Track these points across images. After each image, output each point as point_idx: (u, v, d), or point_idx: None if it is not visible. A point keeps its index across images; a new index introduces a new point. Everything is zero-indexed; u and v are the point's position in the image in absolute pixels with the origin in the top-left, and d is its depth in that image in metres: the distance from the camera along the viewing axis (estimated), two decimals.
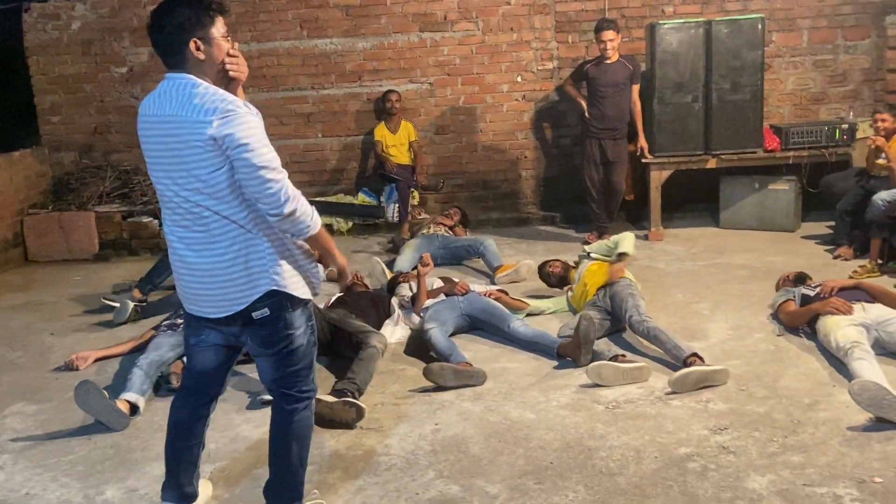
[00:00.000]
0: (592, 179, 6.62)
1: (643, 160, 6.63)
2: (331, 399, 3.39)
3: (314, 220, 2.40)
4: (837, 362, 3.73)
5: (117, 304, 5.07)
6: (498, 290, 4.87)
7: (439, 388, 3.71)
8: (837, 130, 6.54)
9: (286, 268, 2.41)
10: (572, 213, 7.43)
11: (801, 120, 7.36)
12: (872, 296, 4.05)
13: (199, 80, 2.32)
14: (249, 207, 2.34)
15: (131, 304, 5.03)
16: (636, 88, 6.51)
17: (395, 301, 4.75)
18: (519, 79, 7.58)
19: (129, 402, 3.61)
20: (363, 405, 3.40)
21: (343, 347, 4.04)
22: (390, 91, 7.37)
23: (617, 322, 4.33)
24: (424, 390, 3.73)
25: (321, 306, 4.65)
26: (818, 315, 3.99)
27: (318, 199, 7.65)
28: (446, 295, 4.62)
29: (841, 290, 4.08)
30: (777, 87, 7.42)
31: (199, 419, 2.69)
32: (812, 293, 4.20)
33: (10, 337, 4.91)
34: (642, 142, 6.58)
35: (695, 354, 3.72)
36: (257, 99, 7.63)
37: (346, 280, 2.61)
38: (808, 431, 3.15)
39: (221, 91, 2.32)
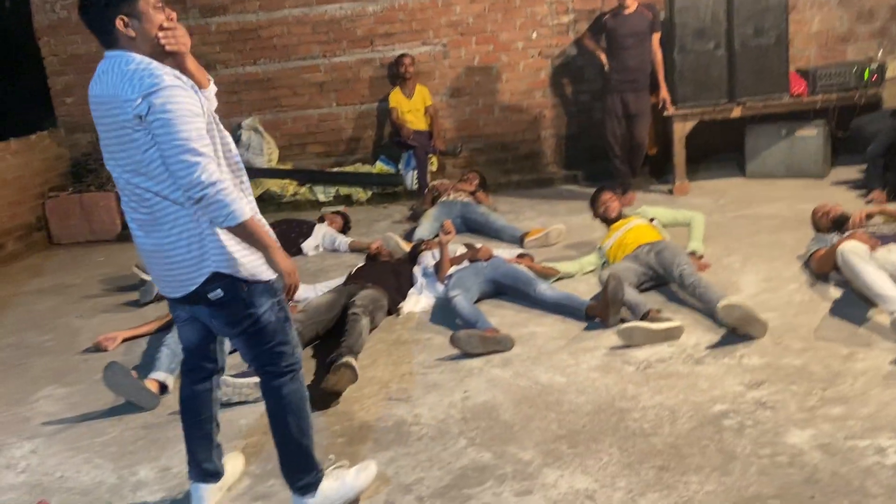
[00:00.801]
0: (615, 134, 6.46)
1: (665, 112, 6.46)
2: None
3: (234, 212, 2.20)
4: (874, 310, 3.62)
5: (146, 277, 5.08)
6: (519, 258, 4.77)
7: (467, 356, 3.67)
8: (867, 71, 6.30)
9: (234, 249, 2.32)
10: (594, 170, 7.28)
11: (827, 62, 7.11)
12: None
13: (133, 56, 2.23)
14: None
15: (156, 285, 5.03)
16: (656, 37, 6.30)
17: (417, 270, 4.70)
18: (534, 35, 7.40)
19: (157, 381, 3.62)
20: (354, 363, 3.38)
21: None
22: (403, 55, 7.23)
23: (659, 277, 4.24)
24: (452, 358, 3.69)
25: (342, 278, 4.63)
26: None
27: (334, 169, 7.59)
28: (470, 261, 4.55)
29: (884, 237, 3.93)
30: (802, 28, 7.16)
31: (202, 396, 2.68)
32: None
33: (38, 320, 4.95)
34: (664, 93, 6.40)
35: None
36: (269, 70, 7.55)
37: (289, 285, 2.38)
38: (847, 383, 3.06)
39: (154, 65, 2.22)
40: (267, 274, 2.40)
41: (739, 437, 2.76)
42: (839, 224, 4.35)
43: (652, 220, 4.70)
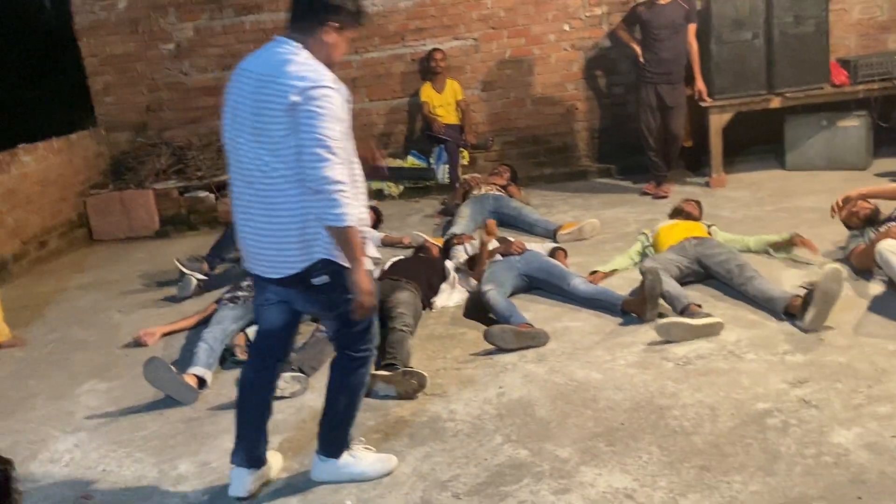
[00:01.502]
0: (649, 127, 6.38)
1: (701, 104, 6.36)
2: (387, 373, 3.36)
3: (343, 214, 2.34)
4: None
5: (188, 271, 5.15)
6: (559, 249, 4.74)
7: (501, 351, 3.65)
8: None
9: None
10: (628, 163, 7.20)
11: (869, 51, 6.92)
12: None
13: (303, 50, 2.43)
14: None
15: (194, 280, 5.10)
16: (692, 28, 6.20)
17: (450, 264, 4.69)
18: (567, 27, 7.32)
19: (196, 376, 3.66)
20: (424, 373, 3.36)
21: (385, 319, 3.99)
22: (435, 50, 7.22)
23: (701, 273, 4.19)
24: (486, 353, 3.68)
25: (377, 273, 4.63)
26: None
27: None
28: (503, 255, 4.53)
29: None
30: (842, 17, 6.98)
31: (263, 381, 2.77)
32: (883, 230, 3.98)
33: (80, 316, 5.05)
34: (700, 85, 6.30)
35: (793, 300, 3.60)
36: None
37: (364, 302, 2.48)
38: (893, 380, 2.99)
39: (321, 66, 2.41)
40: (368, 264, 2.51)
41: (783, 436, 2.70)
42: (870, 220, 4.24)
43: (710, 226, 4.64)
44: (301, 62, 2.39)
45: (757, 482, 2.47)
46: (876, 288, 3.85)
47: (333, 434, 2.76)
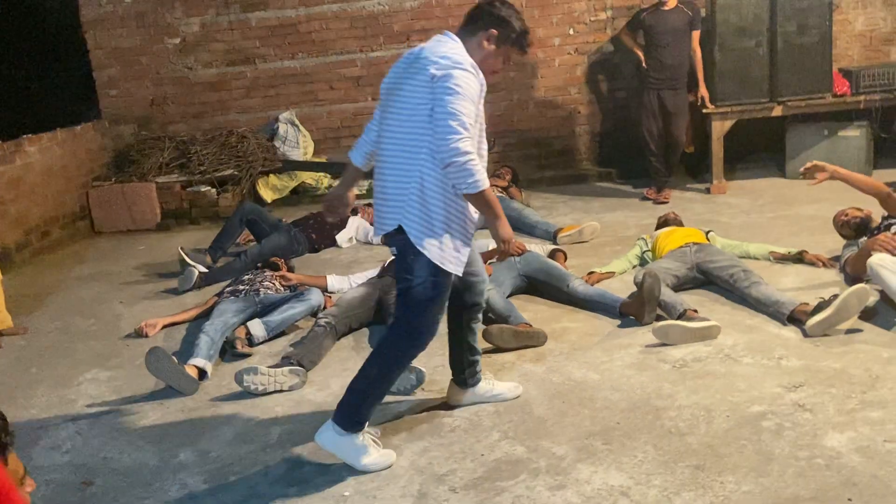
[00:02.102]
0: (651, 132, 6.42)
1: (704, 110, 6.40)
2: None
3: (478, 181, 2.58)
4: None
5: (190, 262, 5.18)
6: (559, 251, 4.76)
7: (499, 350, 3.69)
8: None
9: (429, 222, 2.65)
10: (629, 168, 7.24)
11: (871, 62, 6.97)
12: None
13: (460, 42, 2.70)
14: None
15: (196, 273, 5.13)
16: (696, 35, 6.25)
17: None
18: (571, 31, 7.37)
19: (197, 367, 3.69)
20: (423, 369, 3.39)
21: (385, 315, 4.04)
22: None
23: (699, 279, 4.22)
24: (485, 352, 3.69)
25: (376, 270, 4.67)
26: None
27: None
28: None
29: None
30: (846, 27, 7.04)
31: (457, 319, 3.03)
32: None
33: (82, 306, 5.07)
34: (703, 91, 6.34)
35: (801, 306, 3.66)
36: (307, 65, 7.63)
37: (507, 249, 2.79)
38: (887, 386, 3.02)
39: (465, 53, 2.65)
40: (434, 255, 2.65)
41: (777, 438, 2.74)
42: (861, 230, 4.27)
43: (709, 231, 4.68)
44: (450, 47, 2.66)
45: (750, 482, 2.50)
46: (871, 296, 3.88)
47: (351, 403, 2.79)
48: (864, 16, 7.06)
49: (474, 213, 2.77)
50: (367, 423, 2.84)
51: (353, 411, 2.79)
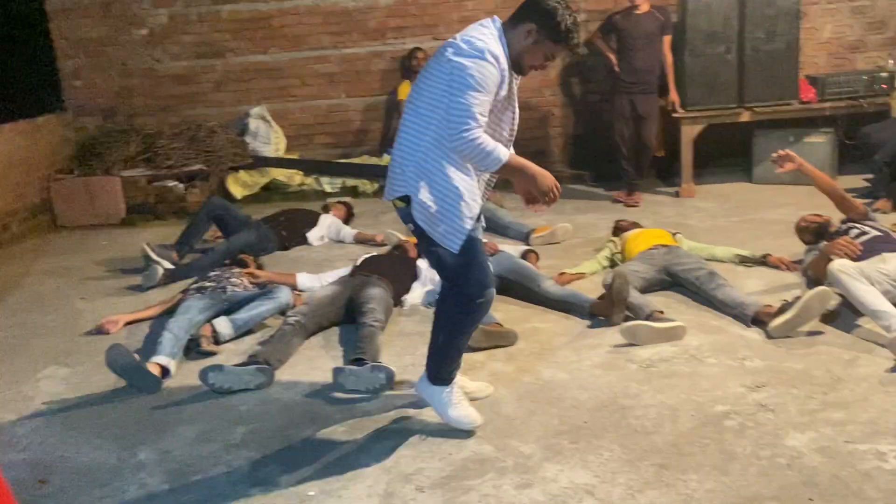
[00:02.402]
0: (623, 136, 6.47)
1: (674, 115, 6.46)
2: (355, 367, 3.36)
3: (496, 157, 2.60)
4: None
5: (155, 258, 5.08)
6: (531, 252, 4.77)
7: (470, 350, 3.66)
8: (876, 80, 6.31)
9: (432, 199, 2.66)
10: (602, 170, 7.29)
11: (837, 70, 7.11)
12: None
13: (498, 30, 2.66)
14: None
15: (160, 269, 5.04)
16: (667, 40, 6.31)
17: (422, 263, 4.70)
18: None
19: (159, 364, 3.62)
20: (392, 368, 3.36)
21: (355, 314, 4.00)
22: (417, 49, 7.24)
23: (667, 281, 4.25)
24: None
25: (348, 269, 4.63)
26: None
27: (341, 160, 7.59)
28: None
29: (871, 240, 3.93)
30: (813, 35, 7.17)
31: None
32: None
33: (42, 301, 4.96)
34: (673, 96, 6.41)
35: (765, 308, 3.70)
36: (280, 59, 7.56)
37: (545, 196, 2.76)
38: (848, 388, 3.07)
39: (494, 41, 2.61)
40: (437, 236, 2.70)
41: (740, 437, 2.77)
42: (820, 235, 4.34)
43: (676, 234, 4.72)
44: (480, 33, 2.61)
45: (713, 481, 2.52)
46: (834, 297, 3.94)
47: (431, 360, 2.92)
48: (830, 24, 7.19)
49: (474, 195, 2.73)
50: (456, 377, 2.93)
51: (436, 368, 2.91)
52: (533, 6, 2.68)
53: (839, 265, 3.59)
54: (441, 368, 2.91)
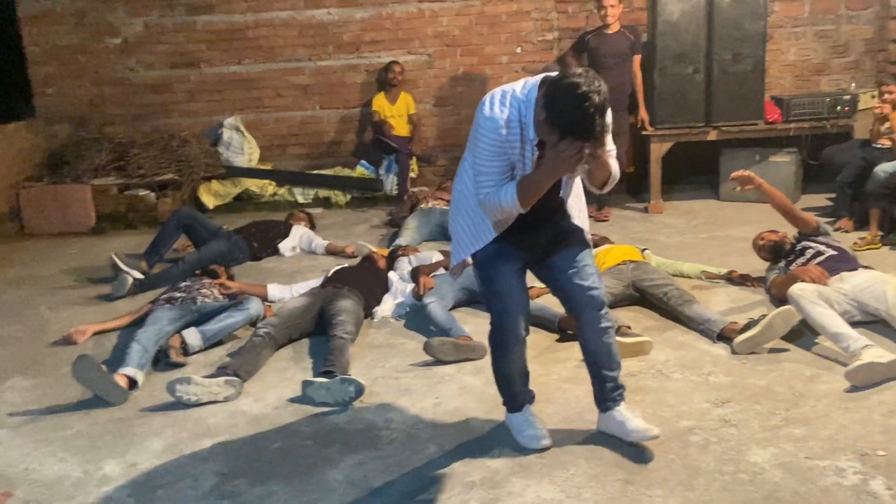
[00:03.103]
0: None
1: (643, 132, 6.57)
2: (324, 379, 3.37)
3: (507, 202, 2.52)
4: None
5: (124, 267, 5.03)
6: None
7: (440, 362, 3.70)
8: (839, 102, 6.48)
9: (463, 230, 2.80)
10: None
11: (802, 91, 7.29)
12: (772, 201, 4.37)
13: (532, 86, 2.48)
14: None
15: (129, 279, 4.99)
16: (637, 59, 6.43)
17: (393, 275, 4.72)
18: (519, 50, 7.49)
19: (127, 376, 3.59)
20: (362, 381, 3.37)
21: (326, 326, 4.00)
22: (394, 62, 7.29)
23: (635, 296, 4.31)
24: (425, 364, 3.72)
25: (319, 280, 4.64)
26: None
27: (315, 171, 7.59)
28: (445, 268, 4.58)
29: (828, 260, 4.03)
30: (778, 58, 7.34)
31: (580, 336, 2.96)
32: (789, 264, 4.20)
33: (7, 311, 4.88)
34: (643, 113, 6.52)
35: (731, 324, 3.78)
36: (254, 71, 7.56)
37: (577, 161, 2.40)
38: (809, 404, 3.14)
39: (517, 100, 2.48)
40: (457, 259, 2.91)
41: (704, 453, 2.82)
42: (776, 252, 4.43)
43: (644, 249, 4.80)
44: (502, 94, 2.51)
45: (677, 496, 2.57)
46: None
47: (498, 383, 2.97)
48: (795, 47, 7.37)
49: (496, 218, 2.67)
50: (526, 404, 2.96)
51: (501, 391, 2.97)
52: (545, 90, 2.38)
53: (798, 289, 3.67)
54: (502, 395, 2.97)
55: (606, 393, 2.90)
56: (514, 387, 2.94)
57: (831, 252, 4.08)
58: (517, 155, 2.52)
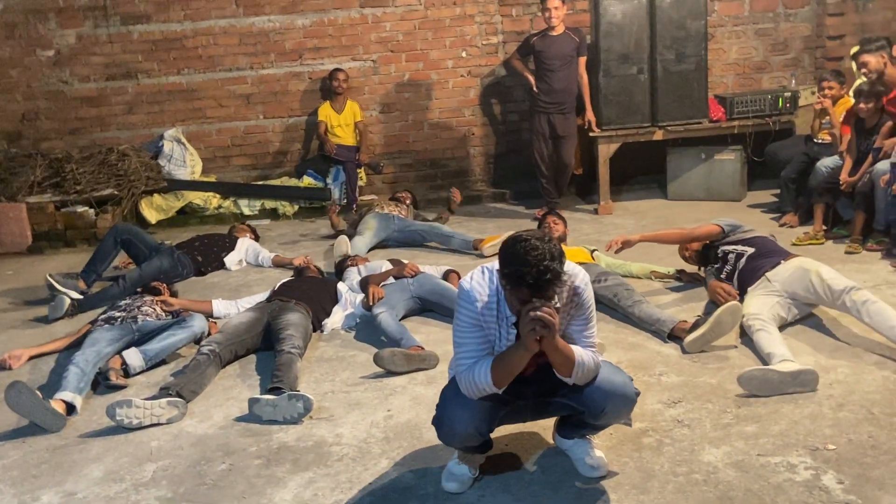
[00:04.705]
0: (542, 155, 6.57)
1: (591, 134, 6.60)
2: (271, 397, 3.27)
3: (479, 381, 2.42)
4: (786, 331, 3.75)
5: (60, 288, 4.83)
6: (452, 272, 4.76)
7: (391, 374, 3.62)
8: (780, 99, 6.61)
9: None
10: (522, 189, 7.38)
11: (744, 89, 7.42)
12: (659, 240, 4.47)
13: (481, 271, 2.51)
14: None
15: (67, 300, 4.80)
16: (583, 61, 6.45)
17: (342, 286, 4.63)
18: (464, 54, 7.46)
19: (64, 401, 3.43)
20: (311, 396, 3.28)
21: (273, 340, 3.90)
22: (337, 70, 7.19)
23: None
24: (376, 376, 3.64)
25: (265, 294, 4.52)
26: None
27: (260, 182, 7.45)
28: (395, 277, 4.51)
29: (749, 260, 4.05)
30: (720, 56, 7.46)
31: None
32: (719, 271, 4.24)
33: None
34: (590, 115, 6.55)
35: (681, 324, 3.78)
36: (194, 80, 7.38)
37: (537, 328, 2.28)
38: (760, 401, 3.15)
39: (490, 270, 2.48)
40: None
41: (658, 455, 2.80)
42: (704, 259, 4.47)
43: (594, 250, 4.79)
44: (482, 269, 2.51)
45: (632, 500, 2.54)
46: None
47: None
48: (737, 45, 7.50)
49: None
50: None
51: None
52: (501, 255, 2.33)
53: (750, 317, 3.67)
54: None
55: (581, 431, 2.74)
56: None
57: (750, 250, 4.10)
58: (493, 331, 2.46)
